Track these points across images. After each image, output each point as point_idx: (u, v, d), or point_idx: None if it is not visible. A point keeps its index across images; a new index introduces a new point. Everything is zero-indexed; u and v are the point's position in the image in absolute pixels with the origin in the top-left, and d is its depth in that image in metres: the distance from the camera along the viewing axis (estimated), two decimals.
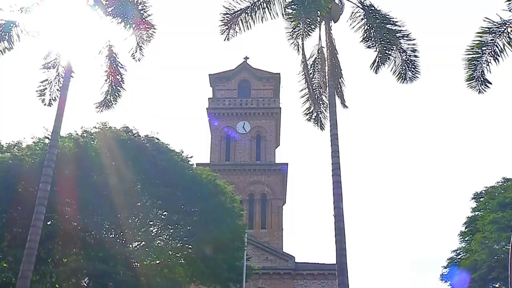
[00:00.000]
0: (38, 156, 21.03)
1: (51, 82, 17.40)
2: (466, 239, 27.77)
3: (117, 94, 18.05)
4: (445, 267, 28.56)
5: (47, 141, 21.60)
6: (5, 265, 21.24)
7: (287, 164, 47.35)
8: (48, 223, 21.14)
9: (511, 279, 18.51)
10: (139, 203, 22.98)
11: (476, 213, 27.29)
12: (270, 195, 46.69)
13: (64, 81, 16.18)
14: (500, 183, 26.60)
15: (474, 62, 14.23)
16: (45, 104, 17.57)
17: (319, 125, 18.62)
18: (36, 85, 17.50)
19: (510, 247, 18.48)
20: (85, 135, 23.21)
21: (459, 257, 27.72)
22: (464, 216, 28.43)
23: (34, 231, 13.83)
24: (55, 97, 17.30)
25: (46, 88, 17.46)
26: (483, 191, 27.57)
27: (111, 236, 23.74)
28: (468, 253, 26.28)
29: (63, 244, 22.29)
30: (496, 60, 14.07)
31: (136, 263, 23.47)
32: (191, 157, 24.92)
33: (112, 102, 18.09)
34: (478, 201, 27.58)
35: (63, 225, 21.72)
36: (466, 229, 28.05)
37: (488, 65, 14.09)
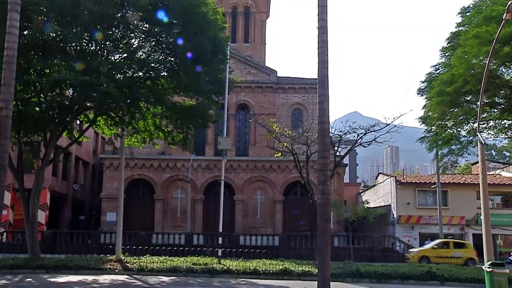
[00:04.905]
0: None
1: None
2: (446, 54, 27.81)
3: None
4: (423, 82, 29.14)
5: None
6: None
7: None
8: (25, 32, 20.66)
9: (483, 90, 19.24)
10: (119, 14, 22.24)
11: (461, 28, 26.88)
12: (253, 8, 45.60)
13: None
14: None
15: None
16: None
17: None
18: None
19: (487, 61, 18.81)
20: None
21: (437, 72, 28.06)
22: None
23: (11, 38, 13.54)
24: None
25: None
26: (471, 5, 26.79)
27: (91, 48, 23.49)
28: (446, 67, 26.55)
29: (43, 55, 22.10)
30: None
31: (119, 75, 23.62)
32: None
33: None
34: (464, 16, 26.94)
35: (41, 35, 21.23)
36: (448, 45, 27.89)
37: None
